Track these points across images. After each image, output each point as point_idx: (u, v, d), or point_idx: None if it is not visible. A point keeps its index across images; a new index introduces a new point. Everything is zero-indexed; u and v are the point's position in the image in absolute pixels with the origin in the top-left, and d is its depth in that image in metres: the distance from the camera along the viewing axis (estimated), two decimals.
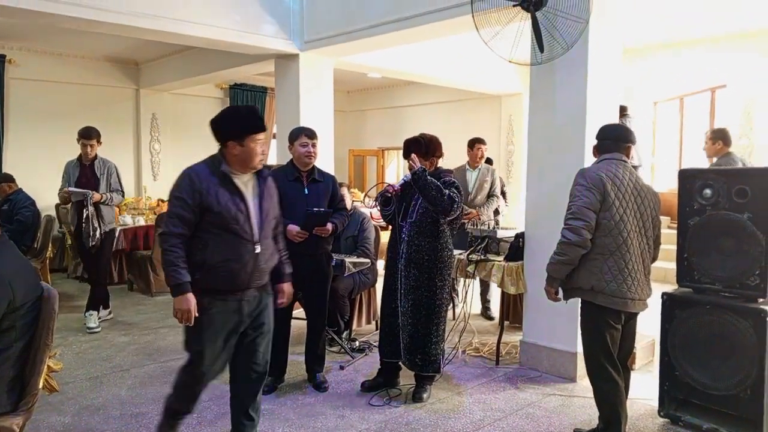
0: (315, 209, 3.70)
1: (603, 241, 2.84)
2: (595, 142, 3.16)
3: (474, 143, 5.82)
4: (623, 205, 2.85)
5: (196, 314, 2.55)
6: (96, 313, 5.38)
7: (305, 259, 3.78)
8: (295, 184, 3.78)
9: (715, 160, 5.38)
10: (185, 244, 2.56)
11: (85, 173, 5.33)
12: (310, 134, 3.82)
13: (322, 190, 3.85)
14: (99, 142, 5.40)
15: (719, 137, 5.33)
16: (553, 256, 2.91)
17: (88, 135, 5.34)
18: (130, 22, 5.06)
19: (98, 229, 5.20)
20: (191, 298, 2.53)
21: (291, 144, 3.84)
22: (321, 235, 3.73)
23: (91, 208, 5.17)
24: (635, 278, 2.87)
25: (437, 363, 3.71)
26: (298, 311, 4.33)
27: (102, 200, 5.25)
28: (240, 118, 2.67)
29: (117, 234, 6.00)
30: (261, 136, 2.62)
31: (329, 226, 3.74)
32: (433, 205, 3.49)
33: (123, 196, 5.55)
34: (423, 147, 3.63)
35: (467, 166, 5.84)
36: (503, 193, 6.06)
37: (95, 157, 5.39)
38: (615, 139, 3.03)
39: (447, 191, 3.48)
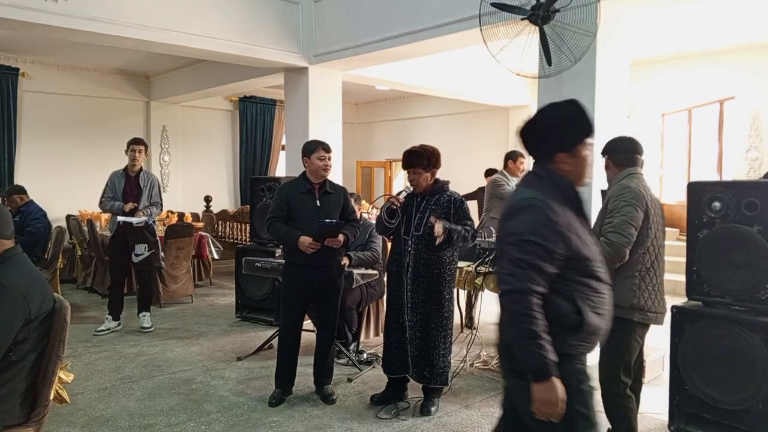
0: (327, 221, 3.72)
1: (642, 258, 2.83)
2: (602, 154, 3.08)
3: (518, 156, 5.92)
4: (656, 221, 2.87)
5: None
6: (148, 314, 5.72)
7: (317, 270, 3.81)
8: (307, 197, 3.82)
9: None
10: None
11: (130, 184, 5.52)
12: (327, 148, 3.89)
13: (333, 201, 3.88)
14: (146, 152, 5.61)
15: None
16: None
17: (138, 140, 5.59)
18: (142, 36, 5.14)
19: (159, 253, 5.56)
20: (560, 384, 1.76)
21: (307, 157, 3.87)
22: (333, 246, 3.74)
23: (154, 234, 5.53)
24: (663, 292, 2.91)
25: (445, 375, 3.70)
26: (307, 323, 4.33)
27: (145, 217, 5.48)
28: (574, 118, 1.92)
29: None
30: (591, 139, 1.95)
31: (341, 237, 3.76)
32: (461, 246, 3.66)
33: (161, 209, 5.76)
34: (425, 159, 3.60)
35: (509, 176, 5.89)
36: None
37: (141, 168, 5.57)
38: (633, 152, 2.99)
39: (468, 225, 3.56)
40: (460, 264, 4.69)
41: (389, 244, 4.08)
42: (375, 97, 11.53)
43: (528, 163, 5.86)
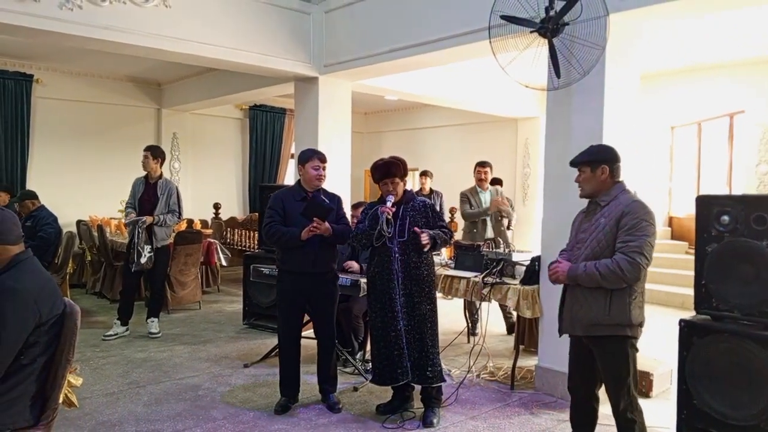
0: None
1: (645, 275, 2.85)
2: (593, 164, 2.94)
3: (477, 166, 6.18)
4: None
5: None
6: (156, 320, 5.77)
7: (312, 278, 3.84)
8: (302, 204, 3.85)
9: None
10: None
11: (148, 191, 5.62)
12: (323, 158, 3.93)
13: (327, 209, 3.91)
14: (155, 158, 5.64)
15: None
16: (592, 269, 2.80)
17: (147, 147, 5.71)
18: (155, 45, 5.21)
19: (143, 254, 5.47)
20: None
21: (302, 165, 3.92)
22: (317, 229, 3.72)
23: (142, 235, 5.46)
24: None
25: (442, 372, 3.78)
26: (308, 332, 4.33)
27: (155, 222, 5.51)
28: None
29: (171, 250, 6.19)
30: None
31: (327, 225, 3.76)
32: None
33: (180, 217, 5.79)
34: (401, 169, 3.76)
35: (477, 189, 6.10)
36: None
37: (160, 176, 5.66)
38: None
39: (444, 228, 3.78)
40: (468, 275, 4.70)
41: None
42: (384, 106, 11.58)
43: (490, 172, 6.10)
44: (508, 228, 6.07)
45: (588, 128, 4.05)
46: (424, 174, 8.29)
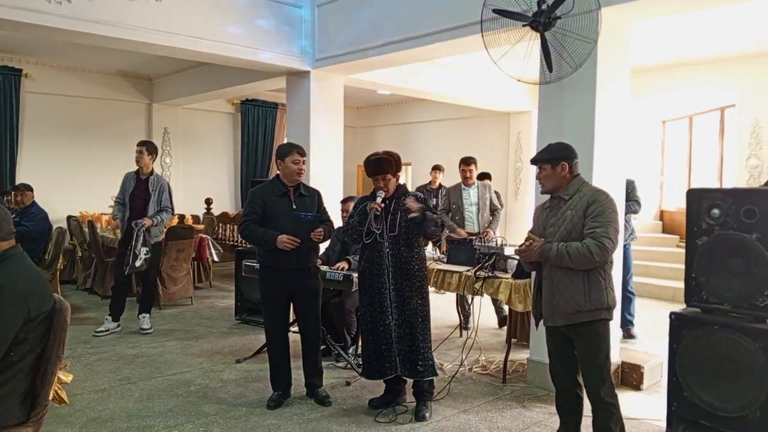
0: (302, 214, 3.81)
1: (612, 259, 2.96)
2: (553, 161, 3.06)
3: (461, 162, 6.16)
4: None
5: None
6: (148, 315, 5.71)
7: (293, 273, 3.83)
8: (283, 200, 3.84)
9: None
10: None
11: (140, 187, 5.56)
12: (302, 152, 3.90)
13: (308, 203, 3.93)
14: (150, 153, 5.57)
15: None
16: (563, 249, 2.89)
17: (140, 142, 5.63)
18: (145, 39, 5.17)
19: (139, 257, 5.37)
20: None
21: (281, 160, 3.87)
22: (316, 239, 3.80)
23: (141, 238, 5.37)
24: None
25: (434, 366, 3.77)
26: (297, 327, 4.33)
27: (153, 224, 5.46)
28: None
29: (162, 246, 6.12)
30: None
31: (320, 230, 3.82)
32: (428, 236, 3.72)
33: (172, 213, 5.73)
34: (393, 165, 3.73)
35: (462, 186, 6.13)
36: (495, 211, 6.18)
37: (152, 172, 5.60)
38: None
39: (436, 215, 3.74)
40: (460, 269, 4.71)
41: None
42: (377, 101, 11.55)
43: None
44: (492, 214, 6.10)
45: (580, 122, 4.06)
46: (437, 168, 8.26)
